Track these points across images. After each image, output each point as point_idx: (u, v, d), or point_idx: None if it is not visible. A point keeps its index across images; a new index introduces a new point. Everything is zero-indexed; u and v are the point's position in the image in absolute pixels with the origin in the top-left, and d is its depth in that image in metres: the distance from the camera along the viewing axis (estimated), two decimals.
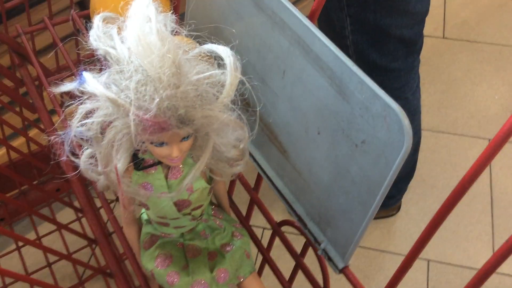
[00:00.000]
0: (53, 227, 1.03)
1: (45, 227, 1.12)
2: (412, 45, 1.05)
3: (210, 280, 0.55)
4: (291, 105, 0.58)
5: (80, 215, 0.97)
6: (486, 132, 1.72)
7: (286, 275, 0.66)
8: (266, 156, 0.66)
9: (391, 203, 1.50)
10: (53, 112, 0.92)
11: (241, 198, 0.72)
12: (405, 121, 0.44)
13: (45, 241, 1.07)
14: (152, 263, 0.56)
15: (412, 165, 1.40)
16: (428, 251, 1.46)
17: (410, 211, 1.55)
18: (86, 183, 0.68)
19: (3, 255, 1.07)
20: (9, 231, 0.54)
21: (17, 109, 0.96)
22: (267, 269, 0.68)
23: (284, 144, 0.62)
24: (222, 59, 0.45)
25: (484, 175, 1.61)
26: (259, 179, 0.69)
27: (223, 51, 0.45)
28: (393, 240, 1.51)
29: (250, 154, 0.67)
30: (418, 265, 1.44)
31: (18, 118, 0.96)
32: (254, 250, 0.64)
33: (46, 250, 0.61)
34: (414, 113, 1.22)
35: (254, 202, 0.69)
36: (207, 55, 0.46)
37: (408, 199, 1.53)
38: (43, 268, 1.00)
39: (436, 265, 1.45)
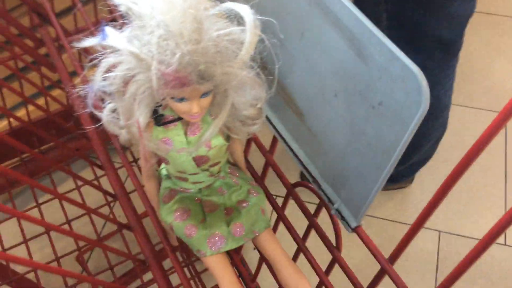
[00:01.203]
0: (71, 186, 1.06)
1: (63, 188, 1.15)
2: (450, 45, 1.01)
3: (226, 234, 0.57)
4: (308, 67, 0.58)
5: (98, 175, 0.99)
6: (502, 106, 1.71)
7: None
8: (281, 118, 0.67)
9: (404, 179, 1.51)
10: (73, 74, 0.93)
11: (256, 163, 0.73)
12: (423, 82, 0.45)
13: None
14: (171, 216, 0.58)
15: (431, 152, 1.40)
16: (439, 222, 1.47)
17: (423, 184, 1.56)
18: (105, 141, 0.70)
19: (23, 212, 1.10)
20: (37, 183, 0.56)
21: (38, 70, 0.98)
22: (280, 229, 0.69)
23: (300, 107, 0.63)
24: (241, 18, 0.45)
25: (499, 148, 1.61)
26: (274, 141, 0.70)
27: (242, 8, 0.45)
28: (405, 211, 1.53)
29: (266, 117, 0.68)
30: (429, 236, 1.46)
31: (38, 80, 0.97)
32: (268, 209, 0.66)
33: (72, 202, 0.63)
34: (442, 110, 1.20)
35: (269, 164, 0.70)
36: (225, 15, 0.47)
37: (421, 171, 1.53)
38: (62, 225, 1.03)
39: (447, 236, 1.46)
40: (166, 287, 0.60)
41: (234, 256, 0.71)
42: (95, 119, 0.54)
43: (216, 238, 0.56)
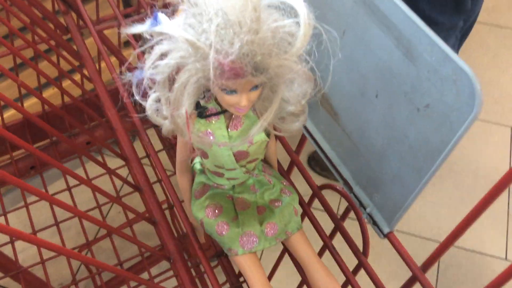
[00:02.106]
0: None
1: (71, 181, 1.12)
2: (462, 3, 1.09)
3: (259, 233, 0.56)
4: (348, 66, 0.57)
5: (112, 167, 0.97)
6: (509, 119, 1.71)
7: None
8: (314, 118, 0.66)
9: None
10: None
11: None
12: (477, 85, 0.44)
13: (75, 192, 1.07)
14: (202, 212, 0.57)
15: None
16: (441, 234, 1.47)
17: (425, 194, 1.54)
18: (129, 133, 0.69)
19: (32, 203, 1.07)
20: (66, 168, 0.54)
21: (55, 57, 0.96)
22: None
23: (336, 107, 0.61)
24: (294, 10, 0.44)
25: (504, 163, 1.61)
26: (302, 140, 0.69)
27: (296, 1, 0.44)
28: (407, 220, 1.52)
29: None
30: (431, 247, 1.45)
31: (54, 69, 0.95)
32: None
33: (97, 190, 0.61)
34: None
35: (295, 164, 0.69)
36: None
37: None
38: (73, 218, 1.00)
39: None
40: (190, 283, 0.58)
41: None
42: (121, 109, 0.53)
43: (249, 237, 0.55)
